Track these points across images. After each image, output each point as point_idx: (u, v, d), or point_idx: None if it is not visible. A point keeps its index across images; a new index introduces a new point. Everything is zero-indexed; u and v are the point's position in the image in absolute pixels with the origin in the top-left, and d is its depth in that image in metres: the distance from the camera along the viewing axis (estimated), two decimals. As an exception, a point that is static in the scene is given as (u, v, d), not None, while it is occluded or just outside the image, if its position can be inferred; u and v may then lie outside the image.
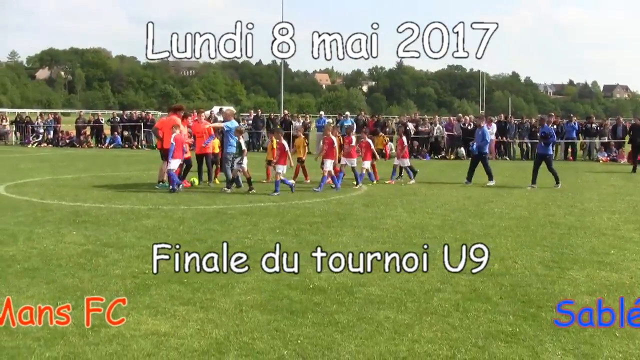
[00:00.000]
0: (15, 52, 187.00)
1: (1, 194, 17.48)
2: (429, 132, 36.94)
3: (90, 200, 16.41)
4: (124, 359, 6.19)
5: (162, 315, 7.47)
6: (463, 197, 18.12)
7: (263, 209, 15.40)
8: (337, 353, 6.42)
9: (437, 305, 8.00)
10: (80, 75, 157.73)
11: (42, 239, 11.52)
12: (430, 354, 6.45)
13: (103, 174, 23.62)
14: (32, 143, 41.71)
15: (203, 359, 6.23)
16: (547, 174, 21.07)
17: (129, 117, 44.02)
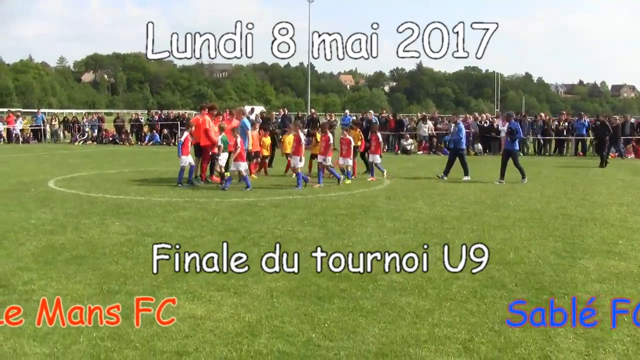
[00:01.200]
0: (64, 57, 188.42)
1: (51, 187, 17.65)
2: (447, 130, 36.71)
3: (132, 193, 16.52)
4: (164, 340, 6.23)
5: (198, 300, 7.51)
6: (480, 191, 18.01)
7: (291, 202, 15.40)
8: (362, 336, 6.41)
9: (456, 292, 7.97)
10: (122, 78, 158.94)
11: (88, 229, 11.62)
12: (450, 337, 6.42)
13: (143, 169, 23.76)
14: (78, 141, 42.03)
15: (237, 341, 6.24)
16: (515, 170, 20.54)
17: (167, 116, 44.29)
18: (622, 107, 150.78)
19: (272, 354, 5.96)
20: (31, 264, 9.13)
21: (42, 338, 6.23)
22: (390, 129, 37.74)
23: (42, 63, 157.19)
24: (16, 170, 22.40)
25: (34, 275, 8.48)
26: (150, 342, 6.16)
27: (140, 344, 6.11)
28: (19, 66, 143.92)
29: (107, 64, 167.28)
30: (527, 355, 6.01)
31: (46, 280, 8.28)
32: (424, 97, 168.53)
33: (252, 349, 6.05)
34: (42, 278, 8.36)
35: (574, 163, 26.78)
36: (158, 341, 6.20)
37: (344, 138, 20.26)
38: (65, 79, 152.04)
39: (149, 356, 5.87)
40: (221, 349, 6.04)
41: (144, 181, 19.39)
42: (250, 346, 6.12)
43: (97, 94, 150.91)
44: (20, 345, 6.05)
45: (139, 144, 41.71)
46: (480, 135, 35.66)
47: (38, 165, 25.08)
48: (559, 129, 35.72)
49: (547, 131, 35.73)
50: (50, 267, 8.93)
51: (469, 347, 6.17)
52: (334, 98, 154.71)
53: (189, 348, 6.05)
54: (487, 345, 6.23)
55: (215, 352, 5.99)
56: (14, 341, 6.15)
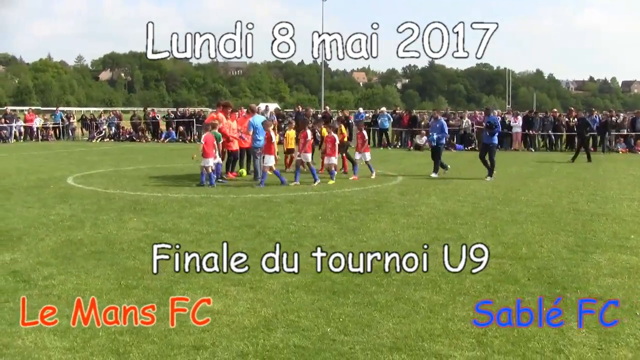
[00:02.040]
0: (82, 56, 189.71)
1: (70, 184, 17.73)
2: (459, 125, 36.67)
3: (149, 189, 16.57)
4: (181, 334, 6.24)
5: (215, 294, 7.51)
6: (492, 186, 17.94)
7: (306, 197, 15.39)
8: (377, 330, 6.40)
9: (470, 286, 7.94)
10: (139, 76, 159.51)
11: (106, 225, 11.67)
12: (464, 331, 6.39)
13: (159, 165, 23.83)
14: (96, 138, 42.21)
15: (253, 335, 6.25)
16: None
17: (183, 113, 44.44)
18: (633, 102, 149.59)
19: (288, 348, 5.96)
20: (51, 259, 9.18)
21: (62, 332, 6.25)
22: (404, 125, 37.72)
23: (60, 62, 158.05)
24: (35, 168, 22.53)
25: (53, 270, 8.53)
26: (167, 337, 6.18)
27: (158, 338, 6.13)
28: (38, 65, 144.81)
29: (124, 63, 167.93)
30: (540, 349, 5.98)
31: (65, 275, 8.33)
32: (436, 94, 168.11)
33: (268, 343, 6.06)
34: (61, 273, 8.41)
35: (585, 158, 26.60)
36: (175, 335, 6.21)
37: (329, 136, 19.79)
38: (83, 77, 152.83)
39: (166, 350, 5.89)
40: (237, 343, 6.05)
41: (160, 178, 19.45)
42: (266, 340, 6.13)
43: (114, 91, 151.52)
44: (41, 339, 6.08)
45: (155, 141, 41.85)
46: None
47: (57, 162, 25.20)
48: (569, 125, 35.51)
49: (558, 127, 35.54)
50: (69, 262, 8.97)
51: (482, 341, 6.15)
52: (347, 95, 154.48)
53: (205, 342, 6.06)
54: (500, 339, 6.20)
55: (231, 346, 5.99)
56: (34, 335, 6.18)
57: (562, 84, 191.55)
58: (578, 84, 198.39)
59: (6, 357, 5.71)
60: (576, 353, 5.92)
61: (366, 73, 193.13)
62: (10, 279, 8.16)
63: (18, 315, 6.71)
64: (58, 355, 5.75)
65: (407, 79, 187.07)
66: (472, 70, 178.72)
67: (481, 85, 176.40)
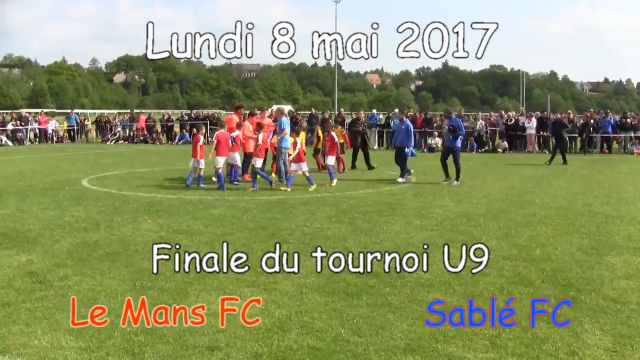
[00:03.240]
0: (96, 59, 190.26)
1: (85, 186, 17.85)
2: (473, 127, 36.61)
3: (163, 191, 16.65)
4: (195, 335, 6.27)
5: (229, 295, 7.53)
6: (506, 188, 17.90)
7: (320, 199, 15.42)
8: (390, 332, 6.41)
9: (483, 288, 7.93)
10: (152, 79, 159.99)
11: (121, 227, 11.74)
12: (477, 333, 6.39)
13: (174, 167, 23.92)
14: (110, 140, 42.43)
15: (267, 336, 6.27)
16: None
17: (196, 115, 44.59)
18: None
19: (302, 349, 5.98)
20: (66, 260, 9.25)
21: (78, 332, 6.30)
22: (417, 127, 37.69)
23: (75, 64, 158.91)
24: (50, 170, 22.69)
25: (69, 272, 8.59)
26: (182, 337, 6.21)
27: (173, 339, 6.16)
28: (53, 67, 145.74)
29: (138, 65, 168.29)
30: (554, 352, 5.97)
31: (81, 276, 8.39)
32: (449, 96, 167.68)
33: (282, 344, 6.08)
34: (77, 274, 8.47)
35: (600, 160, 26.50)
36: (190, 336, 6.24)
37: (327, 135, 19.81)
38: (98, 80, 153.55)
39: (181, 351, 5.92)
40: (252, 344, 6.07)
41: (174, 179, 19.52)
42: (281, 341, 6.15)
43: (128, 94, 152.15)
44: (57, 339, 6.13)
45: (169, 143, 42.01)
46: (506, 132, 35.52)
47: (71, 164, 25.37)
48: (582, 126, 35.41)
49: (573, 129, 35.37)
50: (84, 264, 9.04)
51: (496, 343, 6.14)
52: (360, 97, 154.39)
53: (220, 343, 6.09)
54: (514, 341, 6.20)
55: (246, 347, 6.02)
56: (51, 335, 6.24)
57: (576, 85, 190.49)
58: (593, 86, 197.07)
59: (23, 357, 5.77)
60: (590, 356, 5.90)
61: (379, 75, 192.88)
62: (26, 279, 8.23)
63: (34, 315, 6.79)
64: (74, 355, 5.80)
65: (420, 81, 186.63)
66: (486, 72, 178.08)
67: (495, 86, 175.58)
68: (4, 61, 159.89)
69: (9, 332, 6.35)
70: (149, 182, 18.94)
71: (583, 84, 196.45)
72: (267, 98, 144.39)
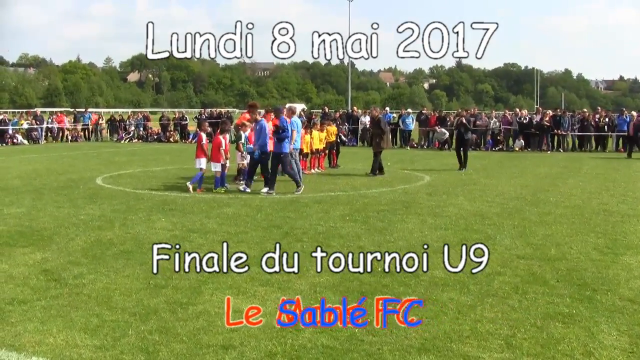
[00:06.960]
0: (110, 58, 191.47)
1: (99, 184, 17.91)
2: (486, 126, 36.51)
3: (177, 190, 16.68)
4: (210, 333, 6.28)
5: (243, 294, 7.55)
6: (520, 187, 17.82)
7: (334, 198, 15.40)
8: (405, 331, 6.37)
9: (498, 287, 7.89)
10: (166, 78, 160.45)
11: (135, 225, 11.77)
12: (492, 333, 6.36)
13: (187, 166, 23.92)
14: (124, 139, 42.58)
15: (281, 335, 6.26)
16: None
17: (210, 114, 44.67)
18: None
19: (316, 348, 5.96)
20: (81, 258, 9.28)
21: (92, 331, 6.32)
22: (431, 125, 37.66)
23: (89, 64, 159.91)
24: (65, 168, 22.79)
25: (83, 270, 8.62)
26: (196, 336, 6.22)
27: (187, 338, 6.17)
28: (68, 67, 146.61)
29: (152, 64, 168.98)
30: (570, 352, 5.93)
31: (95, 274, 8.41)
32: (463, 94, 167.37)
33: (296, 343, 6.07)
34: (91, 272, 8.50)
35: (616, 158, 26.33)
36: (204, 335, 6.24)
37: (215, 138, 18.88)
38: (112, 79, 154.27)
39: (195, 349, 5.92)
40: (266, 343, 6.06)
41: (188, 178, 19.49)
42: (295, 340, 6.13)
43: (142, 93, 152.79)
44: (72, 338, 6.15)
45: (183, 141, 42.10)
46: (521, 131, 35.35)
47: (86, 163, 25.47)
48: (599, 125, 35.17)
49: (587, 127, 35.19)
50: (99, 262, 9.06)
51: (511, 343, 6.11)
52: (374, 95, 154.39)
53: (234, 342, 6.09)
54: (529, 341, 6.16)
55: (260, 346, 6.01)
56: (66, 333, 6.25)
57: (591, 83, 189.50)
58: (608, 84, 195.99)
59: (38, 355, 5.78)
60: (607, 356, 5.85)
61: (393, 73, 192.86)
62: (41, 277, 8.27)
63: (49, 313, 6.81)
64: (89, 354, 5.81)
65: (434, 79, 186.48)
66: (500, 70, 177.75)
67: (509, 85, 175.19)
68: (20, 61, 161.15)
69: (25, 329, 6.38)
70: (162, 180, 19.00)
71: (598, 82, 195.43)
72: (281, 97, 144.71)
